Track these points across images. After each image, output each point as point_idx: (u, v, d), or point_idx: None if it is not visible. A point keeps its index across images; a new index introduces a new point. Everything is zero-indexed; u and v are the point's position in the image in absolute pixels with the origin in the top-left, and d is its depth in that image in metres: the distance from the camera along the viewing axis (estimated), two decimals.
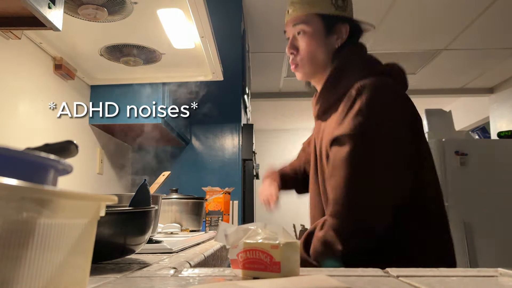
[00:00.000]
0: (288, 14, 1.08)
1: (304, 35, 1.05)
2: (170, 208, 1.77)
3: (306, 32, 1.04)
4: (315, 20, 1.04)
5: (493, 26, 3.08)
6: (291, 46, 1.07)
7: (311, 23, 1.04)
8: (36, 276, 0.28)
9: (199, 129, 2.65)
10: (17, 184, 0.25)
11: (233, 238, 0.60)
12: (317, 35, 1.04)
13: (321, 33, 1.04)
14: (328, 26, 1.04)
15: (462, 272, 0.62)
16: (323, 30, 1.04)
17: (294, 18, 1.05)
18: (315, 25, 1.04)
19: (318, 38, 1.04)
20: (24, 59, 1.44)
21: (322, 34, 1.04)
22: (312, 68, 1.06)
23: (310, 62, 1.05)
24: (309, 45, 1.04)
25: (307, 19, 1.04)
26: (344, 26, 1.05)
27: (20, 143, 1.40)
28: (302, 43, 1.05)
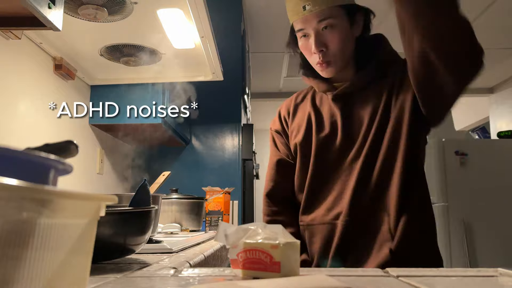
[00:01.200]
0: (306, 10, 0.99)
1: (333, 29, 0.99)
2: (170, 208, 1.77)
3: (335, 26, 0.99)
4: (340, 13, 1.00)
5: (493, 26, 3.08)
6: (319, 43, 1.00)
7: (337, 16, 0.99)
8: (36, 276, 0.28)
9: (199, 129, 2.65)
10: (17, 184, 0.25)
11: (233, 238, 0.60)
12: (345, 28, 1.01)
13: (346, 25, 1.01)
14: (350, 17, 1.02)
15: (462, 272, 0.62)
16: (347, 21, 1.02)
17: (318, 14, 0.98)
18: (340, 18, 1.00)
19: (346, 30, 1.01)
20: (24, 59, 1.44)
21: (348, 26, 1.02)
22: (344, 62, 1.04)
23: (343, 56, 1.03)
24: (340, 39, 1.00)
25: (333, 13, 0.99)
26: (360, 14, 1.04)
27: (20, 143, 1.39)
28: (332, 38, 1.00)
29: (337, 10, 0.99)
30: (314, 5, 0.98)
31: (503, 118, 4.29)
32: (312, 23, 0.99)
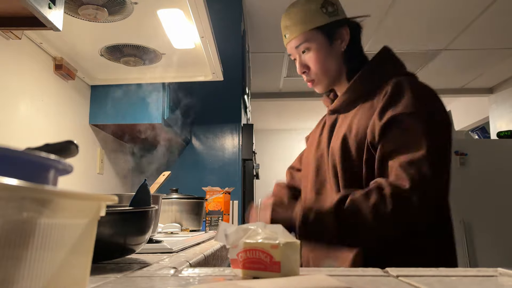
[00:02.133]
0: (286, 38, 1.10)
1: (309, 52, 1.06)
2: (170, 208, 1.77)
3: (311, 49, 1.06)
4: (315, 35, 1.05)
5: (493, 26, 3.08)
6: (301, 66, 1.09)
7: (311, 39, 1.05)
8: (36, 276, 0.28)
9: (199, 129, 2.65)
10: (17, 184, 0.25)
11: (233, 237, 0.60)
12: (322, 48, 1.05)
13: (325, 44, 1.05)
14: (329, 35, 1.05)
15: (462, 272, 0.62)
16: (325, 41, 1.05)
17: (294, 40, 1.07)
18: (316, 39, 1.05)
19: (324, 50, 1.06)
20: (24, 59, 1.44)
21: (326, 45, 1.05)
22: (328, 79, 1.08)
23: (325, 74, 1.07)
24: (317, 60, 1.06)
25: (307, 37, 1.05)
26: (344, 28, 1.06)
27: (20, 143, 1.40)
28: (310, 60, 1.07)
29: (312, 33, 1.05)
30: (290, 33, 1.08)
31: (503, 118, 4.29)
32: (292, 49, 1.10)
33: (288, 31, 1.08)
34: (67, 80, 1.74)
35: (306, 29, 1.05)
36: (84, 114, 1.94)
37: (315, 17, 1.05)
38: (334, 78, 1.08)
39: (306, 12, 1.06)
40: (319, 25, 1.04)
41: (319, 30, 1.05)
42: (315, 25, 1.05)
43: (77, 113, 1.87)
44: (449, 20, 3.00)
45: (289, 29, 1.08)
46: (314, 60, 1.06)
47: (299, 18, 1.06)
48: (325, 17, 1.05)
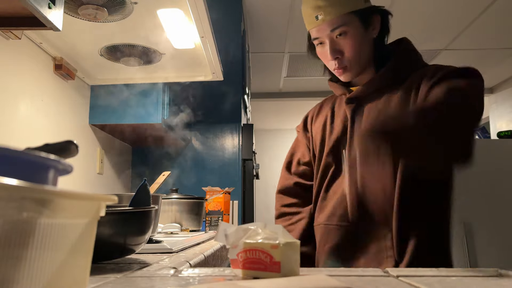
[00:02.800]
0: (318, 20, 1.02)
1: (347, 36, 1.01)
2: (170, 208, 1.77)
3: (348, 33, 1.01)
4: (352, 19, 1.01)
5: (493, 26, 3.08)
6: (333, 50, 1.03)
7: (349, 23, 1.01)
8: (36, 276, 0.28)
9: (199, 129, 2.65)
10: (17, 184, 0.25)
11: (233, 238, 0.60)
12: (358, 33, 1.02)
13: (361, 30, 1.03)
14: (364, 21, 1.03)
15: (462, 272, 0.62)
16: (361, 26, 1.03)
17: (330, 22, 1.01)
18: (353, 24, 1.01)
19: (360, 35, 1.03)
20: (24, 59, 1.44)
21: (362, 30, 1.03)
22: (361, 66, 1.06)
23: (359, 61, 1.04)
24: (354, 45, 1.02)
25: (345, 20, 1.00)
26: (376, 16, 1.05)
27: (20, 143, 1.40)
28: (346, 45, 1.02)
29: (349, 17, 1.00)
30: (326, 14, 1.00)
31: (503, 118, 4.29)
32: (326, 31, 1.02)
33: (322, 12, 1.01)
34: (67, 80, 1.74)
35: (344, 11, 1.00)
36: (84, 114, 1.94)
37: (353, 0, 1.01)
38: (364, 66, 1.06)
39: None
40: (357, 9, 1.01)
41: (356, 14, 1.01)
42: (354, 8, 1.01)
43: (77, 113, 1.87)
44: (449, 20, 3.00)
45: (324, 10, 1.00)
46: (350, 45, 1.02)
47: None
48: (361, 1, 1.02)
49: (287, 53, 3.53)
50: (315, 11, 1.02)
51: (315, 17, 1.02)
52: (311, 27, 1.05)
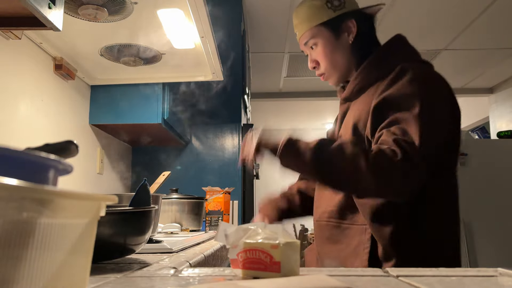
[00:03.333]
0: (297, 36, 1.15)
1: (317, 48, 1.10)
2: (170, 208, 1.77)
3: (318, 44, 1.10)
4: (320, 30, 1.08)
5: (493, 26, 3.08)
6: (311, 61, 1.14)
7: (317, 35, 1.09)
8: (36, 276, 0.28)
9: (199, 129, 2.65)
10: (17, 184, 0.25)
11: (233, 238, 0.60)
12: (328, 43, 1.09)
13: (331, 38, 1.08)
14: (334, 30, 1.08)
15: (462, 272, 0.62)
16: (331, 35, 1.08)
17: (302, 38, 1.12)
18: (322, 35, 1.09)
19: (330, 44, 1.08)
20: (24, 59, 1.44)
21: (332, 39, 1.08)
22: (339, 71, 1.11)
23: (334, 67, 1.10)
24: (324, 54, 1.09)
25: (313, 33, 1.09)
26: (350, 21, 1.08)
27: (20, 143, 1.40)
28: (319, 55, 1.11)
29: (317, 29, 1.09)
30: (298, 31, 1.13)
31: (503, 118, 4.29)
32: (303, 46, 1.14)
33: (297, 29, 1.13)
34: (67, 80, 1.74)
35: (311, 26, 1.09)
36: (84, 114, 1.94)
37: (319, 13, 1.08)
38: (344, 70, 1.10)
39: (311, 9, 1.09)
40: (323, 21, 1.08)
41: (324, 26, 1.08)
42: (320, 21, 1.08)
43: (77, 113, 1.87)
44: (449, 20, 2.99)
45: (298, 27, 1.13)
46: (321, 55, 1.10)
47: (305, 15, 1.10)
48: (330, 12, 1.08)
49: (287, 53, 3.53)
50: (295, 29, 1.15)
51: (295, 33, 1.16)
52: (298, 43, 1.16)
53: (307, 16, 1.10)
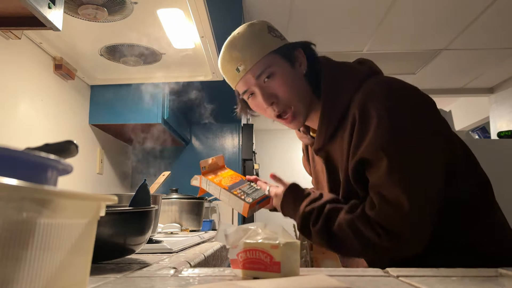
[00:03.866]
0: (240, 71, 0.94)
1: (275, 77, 0.92)
2: (170, 208, 1.77)
3: (275, 73, 0.92)
4: (275, 58, 0.93)
5: (493, 26, 3.08)
6: (267, 96, 0.93)
7: (273, 63, 0.92)
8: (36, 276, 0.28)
9: (199, 129, 2.65)
10: (17, 184, 0.25)
11: (233, 238, 0.60)
12: (286, 71, 0.94)
13: (287, 66, 0.94)
14: (288, 58, 0.94)
15: (462, 272, 0.62)
16: (286, 63, 0.94)
17: (252, 69, 0.92)
18: (278, 62, 0.93)
19: (289, 72, 0.94)
20: (24, 59, 1.44)
21: (289, 67, 0.94)
22: (304, 104, 0.95)
23: (299, 97, 0.94)
24: (285, 83, 0.92)
25: (268, 61, 0.92)
26: (298, 50, 0.97)
27: (20, 143, 1.40)
28: (277, 86, 0.92)
29: (271, 57, 0.93)
30: (245, 63, 0.93)
31: (503, 118, 4.29)
32: (252, 80, 0.94)
33: (242, 62, 0.93)
34: (66, 80, 1.74)
35: (265, 53, 0.92)
36: (84, 114, 1.94)
37: (269, 41, 0.94)
38: (308, 103, 0.96)
39: (257, 36, 0.94)
40: (276, 48, 0.93)
41: (278, 53, 0.93)
42: (273, 48, 0.93)
43: (77, 113, 1.87)
44: (449, 20, 2.99)
45: (243, 59, 0.93)
46: (282, 85, 0.92)
47: (252, 44, 0.93)
48: (277, 40, 0.95)
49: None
50: (234, 63, 0.95)
51: (236, 70, 0.95)
52: (235, 83, 0.97)
53: (255, 44, 0.93)
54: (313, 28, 3.05)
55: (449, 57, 3.63)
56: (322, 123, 0.93)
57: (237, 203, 1.00)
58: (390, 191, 0.77)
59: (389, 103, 0.82)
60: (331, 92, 0.92)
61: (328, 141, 0.94)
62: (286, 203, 0.97)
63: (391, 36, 3.13)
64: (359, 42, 3.24)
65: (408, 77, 4.01)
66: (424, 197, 0.77)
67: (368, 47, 3.31)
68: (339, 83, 0.92)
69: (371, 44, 3.23)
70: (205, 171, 1.11)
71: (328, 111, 0.92)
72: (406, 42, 3.24)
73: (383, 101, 0.83)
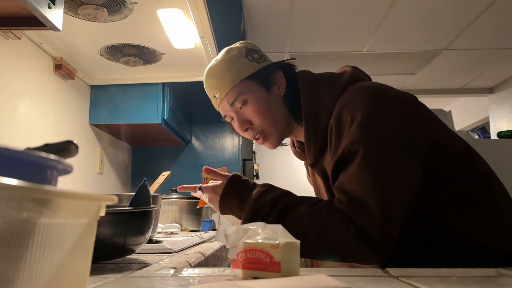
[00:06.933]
0: (217, 99, 0.97)
1: (248, 103, 0.94)
2: (170, 208, 1.77)
3: (248, 99, 0.94)
4: (248, 85, 0.93)
5: (493, 26, 3.08)
6: (241, 122, 0.96)
7: (246, 90, 0.93)
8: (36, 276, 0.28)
9: (199, 129, 2.65)
10: (17, 184, 0.25)
11: (233, 238, 0.60)
12: (260, 96, 0.94)
13: (262, 91, 0.94)
14: (263, 82, 0.94)
15: (462, 272, 0.62)
16: (261, 88, 0.94)
17: (227, 97, 0.94)
18: (251, 89, 0.94)
19: (263, 97, 0.94)
20: (24, 59, 1.44)
21: (264, 92, 0.94)
22: (278, 128, 0.96)
23: (271, 124, 0.94)
24: (258, 110, 0.93)
25: (240, 89, 0.93)
26: (277, 73, 0.96)
27: (20, 143, 1.40)
28: (251, 113, 0.94)
29: (244, 84, 0.93)
30: (220, 91, 0.95)
31: (503, 118, 4.29)
32: (227, 107, 0.96)
33: (217, 89, 0.95)
34: (66, 80, 1.74)
35: (237, 81, 0.93)
36: (84, 114, 1.94)
37: (243, 67, 0.94)
38: (284, 126, 0.96)
39: (232, 63, 0.94)
40: (249, 74, 0.93)
41: (252, 79, 0.94)
42: (246, 74, 0.93)
43: (77, 113, 1.87)
44: (449, 20, 2.99)
45: (217, 87, 0.95)
46: (255, 111, 0.93)
47: (226, 71, 0.94)
48: (254, 65, 0.95)
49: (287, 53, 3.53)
50: (211, 90, 0.98)
51: (214, 97, 0.98)
52: (216, 106, 1.00)
53: (228, 71, 0.93)
54: (313, 28, 3.05)
55: (449, 57, 3.63)
56: (309, 142, 0.92)
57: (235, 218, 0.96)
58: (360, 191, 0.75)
59: (362, 104, 0.81)
60: (311, 110, 0.91)
61: (319, 156, 0.94)
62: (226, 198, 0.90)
63: (391, 36, 3.13)
64: (359, 42, 3.24)
65: (408, 77, 4.01)
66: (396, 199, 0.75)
67: (368, 47, 3.31)
68: (317, 99, 0.91)
69: (371, 44, 3.23)
70: (206, 182, 1.09)
71: (312, 129, 0.90)
72: (406, 42, 3.24)
73: (357, 104, 0.82)
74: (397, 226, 0.75)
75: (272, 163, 5.95)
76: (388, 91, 0.86)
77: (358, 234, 0.73)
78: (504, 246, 0.80)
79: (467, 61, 3.78)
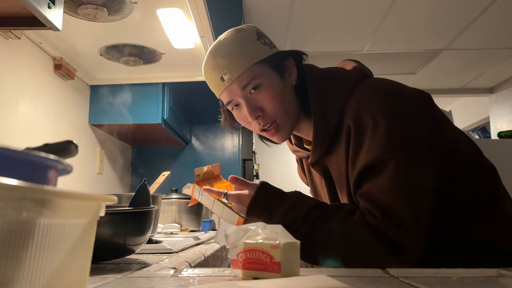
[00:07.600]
0: (225, 81, 0.88)
1: (262, 89, 0.86)
2: (170, 208, 1.77)
3: (262, 85, 0.86)
4: (263, 68, 0.87)
5: (493, 26, 3.08)
6: (252, 109, 0.87)
7: (260, 74, 0.86)
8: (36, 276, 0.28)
9: (199, 129, 2.65)
10: (17, 184, 0.25)
11: (233, 238, 0.60)
12: (275, 82, 0.87)
13: (276, 77, 0.88)
14: (277, 68, 0.89)
15: (462, 273, 0.62)
16: (275, 74, 0.88)
17: (238, 80, 0.86)
18: (266, 73, 0.87)
19: (277, 84, 0.88)
20: (24, 59, 1.44)
21: (278, 78, 0.88)
22: (290, 118, 0.90)
23: (286, 111, 0.88)
24: (273, 96, 0.86)
25: (255, 72, 0.86)
26: (288, 60, 0.91)
27: (20, 143, 1.40)
28: (264, 99, 0.86)
29: (259, 67, 0.86)
30: (231, 72, 0.86)
31: (504, 118, 4.29)
32: (237, 91, 0.88)
33: (227, 70, 0.86)
34: (66, 80, 1.74)
35: (252, 63, 0.86)
36: (83, 114, 1.94)
37: (258, 49, 0.87)
38: (294, 118, 0.91)
39: (245, 44, 0.87)
40: (264, 57, 0.87)
41: (266, 63, 0.87)
42: (261, 57, 0.87)
43: (77, 113, 1.87)
44: (449, 20, 2.99)
45: (228, 68, 0.86)
46: (269, 97, 0.86)
47: (239, 51, 0.86)
48: (267, 49, 0.88)
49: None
50: (218, 72, 0.88)
51: (220, 79, 0.88)
52: (220, 92, 0.91)
53: (242, 52, 0.86)
54: (313, 28, 3.05)
55: (449, 57, 3.63)
56: (317, 137, 0.88)
57: (231, 216, 0.93)
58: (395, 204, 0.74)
59: (383, 105, 0.79)
60: (322, 104, 0.87)
61: (324, 154, 0.90)
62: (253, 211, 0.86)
63: (391, 36, 3.13)
64: (359, 42, 3.24)
65: (408, 77, 4.01)
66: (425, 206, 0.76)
67: (368, 47, 3.31)
68: (329, 93, 0.87)
69: (371, 44, 3.23)
70: (199, 179, 1.06)
71: (322, 124, 0.87)
72: (406, 42, 3.24)
73: (377, 105, 0.80)
74: (427, 233, 0.76)
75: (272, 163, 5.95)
76: (404, 90, 0.85)
77: (393, 248, 0.73)
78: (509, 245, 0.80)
79: (467, 61, 3.77)
